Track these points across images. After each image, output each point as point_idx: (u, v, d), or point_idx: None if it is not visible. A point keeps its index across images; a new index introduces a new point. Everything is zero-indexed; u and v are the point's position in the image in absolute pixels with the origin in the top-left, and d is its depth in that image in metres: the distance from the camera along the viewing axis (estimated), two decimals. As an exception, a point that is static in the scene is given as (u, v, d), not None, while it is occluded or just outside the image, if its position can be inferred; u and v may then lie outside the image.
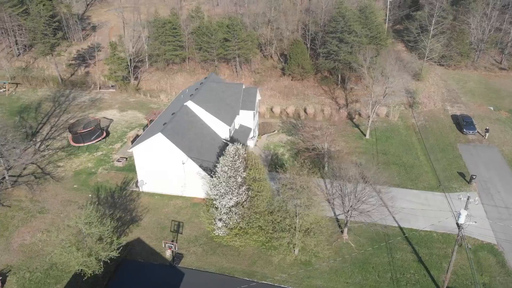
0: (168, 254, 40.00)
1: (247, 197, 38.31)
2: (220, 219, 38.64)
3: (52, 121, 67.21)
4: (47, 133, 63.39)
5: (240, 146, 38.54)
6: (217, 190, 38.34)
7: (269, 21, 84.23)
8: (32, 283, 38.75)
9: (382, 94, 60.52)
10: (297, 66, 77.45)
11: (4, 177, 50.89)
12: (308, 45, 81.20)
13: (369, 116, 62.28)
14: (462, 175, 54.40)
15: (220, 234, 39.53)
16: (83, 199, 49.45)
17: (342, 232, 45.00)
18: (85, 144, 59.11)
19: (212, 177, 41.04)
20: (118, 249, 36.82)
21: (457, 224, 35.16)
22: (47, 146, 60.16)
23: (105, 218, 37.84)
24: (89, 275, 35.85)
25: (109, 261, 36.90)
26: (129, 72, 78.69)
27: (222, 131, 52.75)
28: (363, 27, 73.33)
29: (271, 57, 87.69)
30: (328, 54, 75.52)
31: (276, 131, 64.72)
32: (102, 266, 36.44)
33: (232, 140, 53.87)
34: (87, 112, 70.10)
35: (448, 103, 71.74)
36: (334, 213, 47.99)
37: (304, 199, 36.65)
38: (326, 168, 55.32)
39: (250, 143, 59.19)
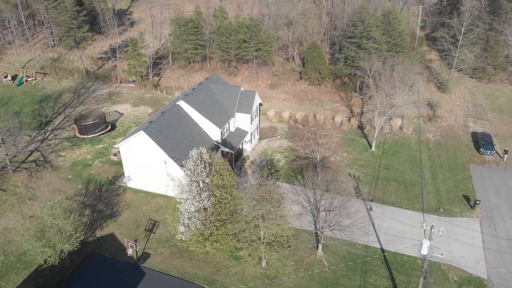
0: (129, 252, 40.08)
1: (211, 204, 37.42)
2: (182, 224, 38.10)
3: (67, 111, 70.00)
4: (59, 123, 66.10)
5: (204, 151, 37.67)
6: (181, 194, 37.86)
7: (290, 23, 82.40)
8: (4, 266, 40.37)
9: (389, 105, 57.14)
10: (314, 70, 75.16)
11: (6, 163, 53.53)
12: (327, 49, 78.51)
13: (376, 127, 58.95)
14: (467, 198, 50.05)
15: (183, 239, 38.95)
16: (73, 189, 51.02)
17: (318, 247, 42.87)
18: (89, 136, 60.92)
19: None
20: (76, 243, 37.36)
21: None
22: (55, 135, 62.73)
23: (73, 212, 38.65)
24: (45, 265, 36.65)
25: (66, 254, 37.58)
26: (148, 68, 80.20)
27: (213, 133, 52.19)
28: (384, 34, 69.59)
29: (293, 60, 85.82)
30: (346, 59, 72.57)
31: (279, 136, 63.15)
32: (59, 257, 37.08)
33: (225, 142, 53.20)
34: (101, 105, 72.32)
35: (471, 118, 66.36)
36: (315, 226, 45.84)
37: (263, 210, 35.17)
38: (319, 178, 53.05)
39: (247, 147, 58.21)
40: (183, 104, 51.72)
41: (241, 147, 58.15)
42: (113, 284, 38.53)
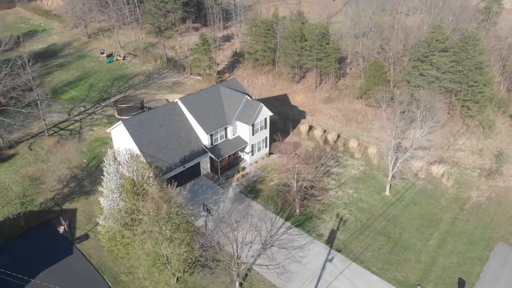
0: (61, 230, 42.61)
1: (122, 207, 37.12)
2: (100, 218, 38.84)
3: (128, 92, 76.87)
4: (113, 101, 73.13)
5: (121, 152, 37.35)
6: (103, 189, 38.59)
7: (361, 35, 74.38)
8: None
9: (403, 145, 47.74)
10: (370, 91, 66.81)
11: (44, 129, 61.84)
12: (392, 70, 68.41)
13: (389, 168, 49.82)
14: (462, 283, 38.86)
15: (102, 232, 39.57)
16: (78, 162, 56.33)
17: (236, 284, 38.75)
18: (123, 117, 65.97)
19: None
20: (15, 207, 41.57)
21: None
22: (102, 111, 69.76)
23: (26, 181, 43.04)
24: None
25: (11, 216, 42.09)
26: (212, 63, 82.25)
27: (203, 137, 51.23)
28: (455, 61, 57.34)
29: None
30: (407, 83, 62.61)
31: (292, 155, 58.27)
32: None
33: (214, 148, 51.79)
34: (159, 92, 77.28)
35: (544, 186, 50.57)
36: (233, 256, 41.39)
37: (144, 227, 33.37)
38: (297, 211, 47.64)
39: (247, 158, 55.53)
40: (180, 102, 51.95)
41: (242, 157, 55.94)
42: (44, 252, 41.61)
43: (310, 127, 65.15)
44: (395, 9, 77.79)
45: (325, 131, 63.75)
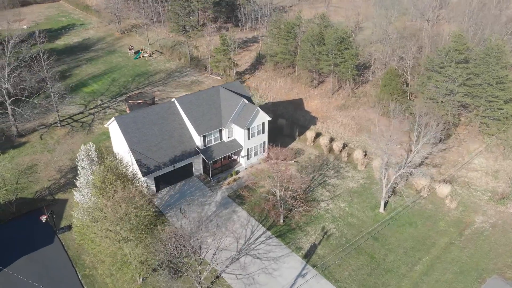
0: (43, 220, 43.89)
1: (92, 203, 37.57)
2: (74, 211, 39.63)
3: (146, 88, 78.41)
4: (128, 96, 74.84)
5: (92, 148, 37.79)
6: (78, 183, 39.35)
7: (382, 40, 70.89)
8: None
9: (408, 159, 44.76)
10: (385, 100, 63.54)
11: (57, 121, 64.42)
12: (409, 79, 64.38)
13: (383, 183, 46.98)
14: (439, 317, 35.77)
15: (77, 225, 40.32)
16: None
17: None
18: (132, 113, 67.38)
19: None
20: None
21: None
22: (116, 106, 71.60)
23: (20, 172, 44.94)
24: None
25: (2, 202, 44.01)
26: (231, 63, 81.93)
27: (196, 137, 50.98)
28: (472, 73, 53.02)
29: (386, 84, 73.97)
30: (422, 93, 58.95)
31: (292, 162, 56.67)
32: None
33: (206, 150, 51.43)
34: (176, 89, 78.20)
35: (560, 217, 45.44)
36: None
37: (104, 226, 33.52)
38: (281, 221, 46.11)
39: (242, 162, 54.66)
40: (176, 102, 52.00)
41: (238, 160, 55.17)
42: (27, 239, 43.24)
43: (317, 134, 63.08)
44: (422, 16, 73.56)
45: (332, 140, 61.45)
